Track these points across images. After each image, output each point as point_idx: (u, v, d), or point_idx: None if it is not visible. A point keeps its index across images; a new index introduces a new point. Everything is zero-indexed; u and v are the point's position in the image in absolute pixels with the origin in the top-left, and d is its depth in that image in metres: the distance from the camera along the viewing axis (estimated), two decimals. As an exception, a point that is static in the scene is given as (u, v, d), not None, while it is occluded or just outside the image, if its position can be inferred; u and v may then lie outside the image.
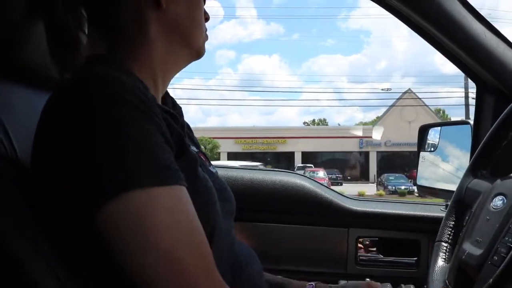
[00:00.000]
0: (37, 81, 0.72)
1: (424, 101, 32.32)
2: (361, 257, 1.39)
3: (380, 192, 23.56)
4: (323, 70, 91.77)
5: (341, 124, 53.80)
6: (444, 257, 0.92)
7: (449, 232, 0.94)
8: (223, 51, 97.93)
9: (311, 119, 63.36)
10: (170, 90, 0.77)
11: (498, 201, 0.81)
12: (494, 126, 0.94)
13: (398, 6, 1.10)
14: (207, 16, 0.74)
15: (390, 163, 31.22)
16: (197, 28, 0.71)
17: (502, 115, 0.93)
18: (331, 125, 50.81)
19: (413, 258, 1.38)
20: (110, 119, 0.51)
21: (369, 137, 29.86)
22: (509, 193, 0.80)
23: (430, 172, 1.46)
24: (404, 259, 1.39)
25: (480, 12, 1.08)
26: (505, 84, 1.15)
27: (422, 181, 1.47)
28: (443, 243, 0.94)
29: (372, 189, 24.72)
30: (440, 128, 1.43)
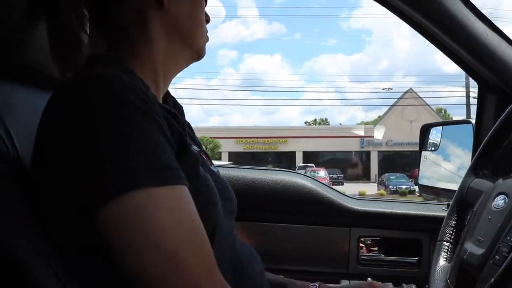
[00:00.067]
0: (38, 81, 0.72)
1: (426, 100, 32.32)
2: (362, 257, 1.39)
3: (381, 192, 23.52)
4: (325, 70, 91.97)
5: (342, 123, 53.69)
6: (445, 256, 0.92)
7: (451, 232, 0.94)
8: (225, 51, 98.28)
9: (313, 118, 63.43)
10: (172, 90, 0.77)
11: (499, 201, 0.81)
12: (495, 125, 0.94)
13: (400, 5, 1.09)
14: (207, 17, 0.74)
15: (391, 163, 31.18)
16: (198, 28, 0.71)
17: (504, 115, 0.92)
18: (332, 124, 50.77)
19: (414, 257, 1.38)
20: (111, 119, 0.51)
21: (371, 137, 29.84)
22: (510, 193, 0.80)
23: (432, 172, 1.46)
24: (406, 259, 1.39)
25: (482, 11, 1.08)
26: (507, 83, 1.15)
27: (423, 181, 1.47)
28: (445, 243, 0.94)
29: (373, 188, 24.69)
30: (441, 127, 1.43)
